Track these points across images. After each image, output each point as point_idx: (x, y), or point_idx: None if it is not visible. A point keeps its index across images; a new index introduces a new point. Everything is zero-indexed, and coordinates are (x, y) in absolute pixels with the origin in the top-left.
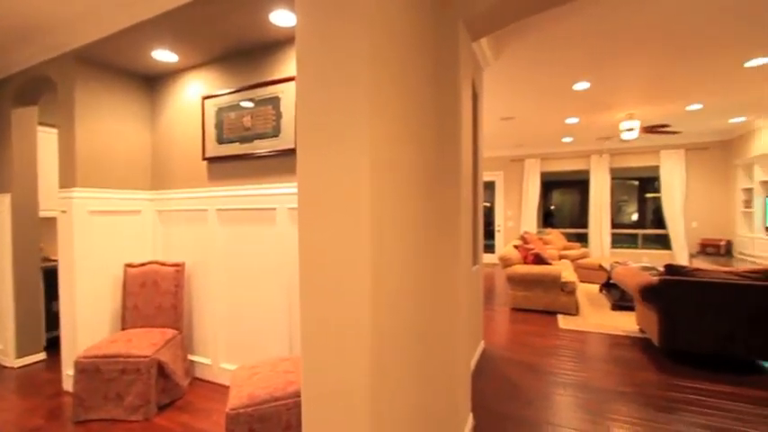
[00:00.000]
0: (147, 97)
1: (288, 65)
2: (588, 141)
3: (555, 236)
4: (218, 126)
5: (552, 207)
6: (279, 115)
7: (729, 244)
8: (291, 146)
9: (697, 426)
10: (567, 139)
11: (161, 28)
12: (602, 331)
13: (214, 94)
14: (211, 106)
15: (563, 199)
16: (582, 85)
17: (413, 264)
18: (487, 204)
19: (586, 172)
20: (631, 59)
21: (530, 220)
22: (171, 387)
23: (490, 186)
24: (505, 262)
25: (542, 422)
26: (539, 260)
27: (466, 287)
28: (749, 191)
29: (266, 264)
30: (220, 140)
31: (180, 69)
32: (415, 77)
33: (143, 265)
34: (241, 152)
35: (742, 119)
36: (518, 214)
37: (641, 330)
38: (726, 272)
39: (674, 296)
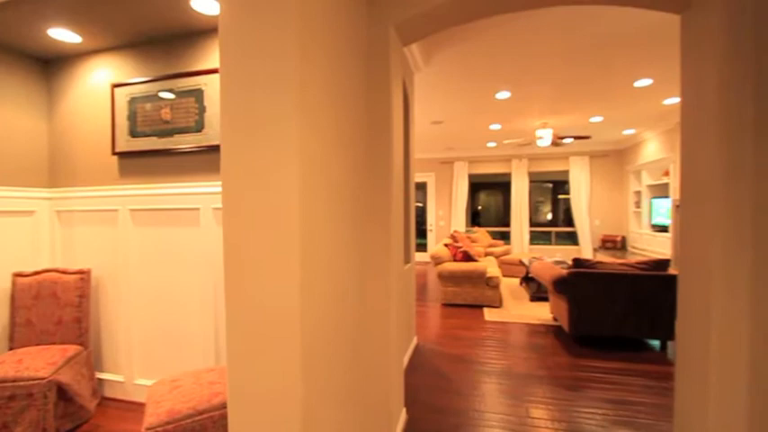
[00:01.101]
0: (43, 82)
1: (213, 55)
2: (509, 147)
3: (482, 234)
4: (132, 118)
5: (479, 207)
6: (202, 109)
7: (624, 239)
8: (217, 142)
9: (598, 399)
10: (492, 144)
11: (55, 2)
12: (522, 321)
13: (126, 82)
14: (123, 95)
15: (489, 200)
16: (503, 95)
17: (343, 264)
18: (420, 204)
19: (508, 175)
20: (545, 74)
21: (459, 219)
22: (74, 410)
23: (422, 187)
24: (437, 260)
25: (470, 410)
26: (467, 257)
27: (398, 285)
28: (638, 193)
29: (189, 268)
30: (134, 134)
31: (85, 52)
32: (345, 76)
33: (37, 273)
34: (159, 147)
35: (633, 131)
36: (448, 214)
37: (554, 318)
38: (620, 264)
39: (580, 287)
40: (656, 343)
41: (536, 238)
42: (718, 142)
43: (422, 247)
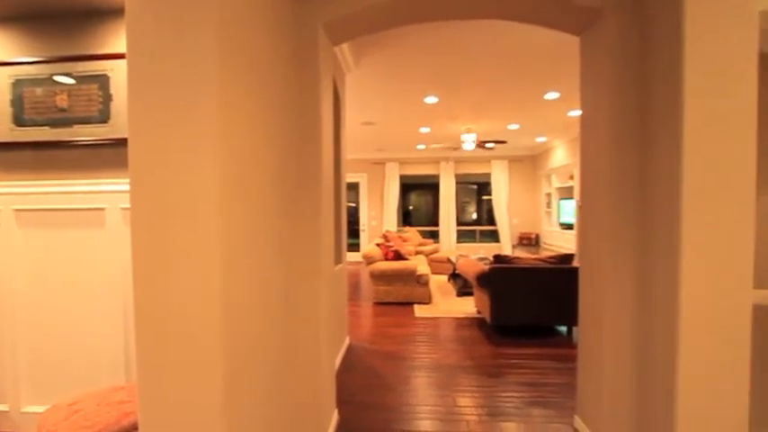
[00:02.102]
0: None
1: (121, 38)
2: (438, 149)
3: (412, 233)
4: (17, 103)
5: (411, 207)
6: (108, 97)
7: (538, 236)
8: (125, 135)
9: (515, 383)
10: (421, 146)
11: None
12: (449, 316)
13: (9, 60)
14: (5, 77)
15: (419, 200)
16: (431, 99)
17: (270, 266)
18: (353, 205)
19: (437, 176)
20: (469, 81)
21: (391, 219)
22: None
23: (355, 187)
24: (368, 259)
25: (402, 405)
26: (398, 256)
27: (328, 287)
28: (549, 195)
29: (93, 275)
30: (20, 122)
31: None
32: (271, 69)
33: None
34: (53, 139)
35: (544, 138)
36: (380, 214)
37: (478, 311)
38: (534, 258)
39: (500, 281)
40: (564, 329)
41: (462, 237)
42: (610, 151)
43: (354, 247)
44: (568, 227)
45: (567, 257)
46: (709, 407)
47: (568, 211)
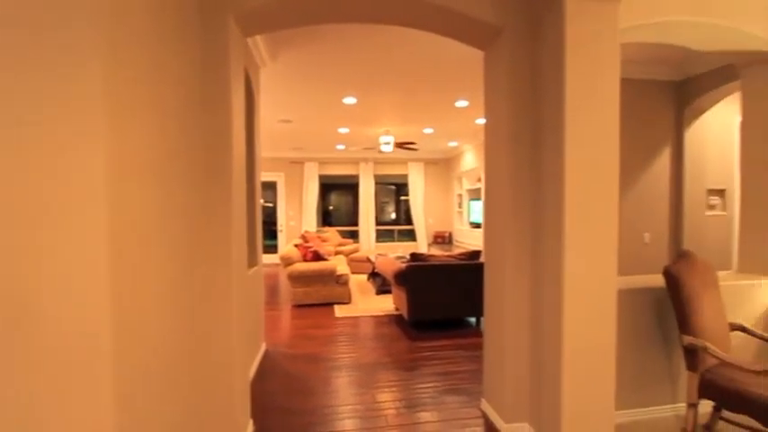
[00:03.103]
0: None
1: None
2: (357, 150)
3: (332, 234)
4: None
5: (330, 207)
6: None
7: (451, 235)
8: None
9: (431, 374)
10: (341, 147)
11: None
12: (369, 314)
13: None
14: None
15: (339, 200)
16: (350, 100)
17: (175, 273)
18: (270, 205)
19: (356, 177)
20: (386, 84)
21: (310, 219)
22: None
23: (272, 187)
24: (286, 261)
25: (323, 407)
26: (317, 257)
27: (241, 292)
28: (461, 196)
29: None
30: None
31: None
32: (174, 59)
33: None
34: None
35: (456, 143)
36: (299, 214)
37: (396, 309)
38: (447, 256)
39: (416, 278)
40: (473, 320)
41: (382, 236)
42: (508, 158)
43: (272, 248)
44: (477, 225)
45: (476, 254)
46: (585, 373)
47: (477, 210)
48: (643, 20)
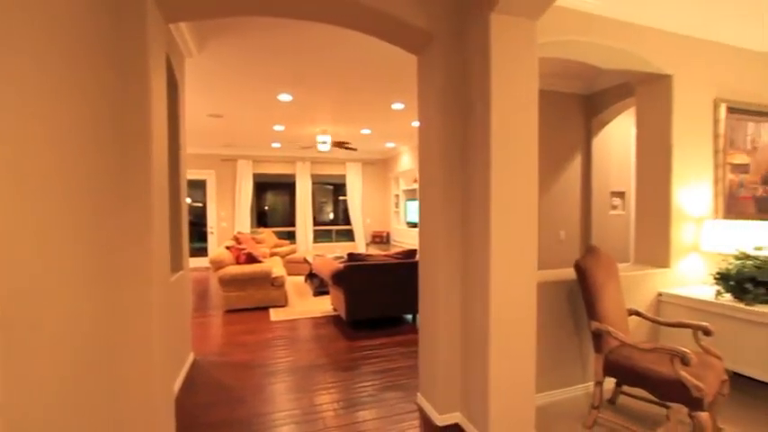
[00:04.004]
0: None
1: None
2: (294, 148)
3: (267, 235)
4: None
5: (266, 207)
6: None
7: (389, 234)
8: None
9: (369, 373)
10: (276, 145)
11: None
12: (306, 316)
13: None
14: None
15: (275, 200)
16: (285, 97)
17: (78, 285)
18: (199, 204)
19: (293, 176)
20: (323, 84)
21: (244, 220)
22: None
23: (201, 185)
24: (217, 264)
25: (256, 415)
26: (251, 259)
27: (163, 300)
28: (398, 196)
29: None
30: None
31: None
32: (81, 47)
33: None
34: None
35: (393, 144)
36: (232, 215)
37: (335, 309)
38: (384, 255)
39: (353, 278)
40: (410, 317)
41: (320, 237)
42: (439, 159)
43: (202, 251)
44: (414, 225)
45: (412, 252)
46: (510, 361)
47: (414, 210)
48: (555, 37)
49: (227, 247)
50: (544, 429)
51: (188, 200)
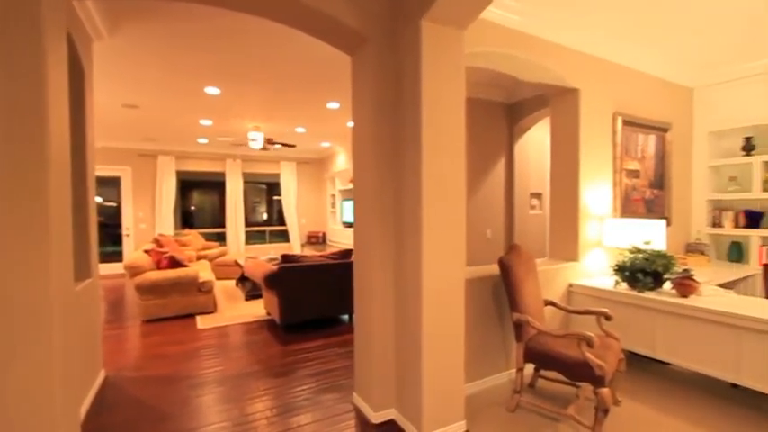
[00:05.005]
0: None
1: None
2: (223, 145)
3: (194, 237)
4: None
5: (193, 207)
6: None
7: (325, 234)
8: None
9: (304, 376)
10: (203, 141)
11: None
12: (237, 322)
13: None
14: None
15: (203, 199)
16: (213, 90)
17: None
18: (112, 204)
19: (223, 174)
20: (255, 79)
21: (166, 221)
22: None
23: (115, 183)
24: (134, 270)
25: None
26: (174, 263)
27: (64, 314)
28: (334, 196)
29: None
30: None
31: None
32: None
33: None
34: None
35: (328, 144)
36: (152, 215)
37: (268, 313)
38: (320, 256)
39: (288, 280)
40: (346, 317)
41: (252, 238)
42: (373, 159)
43: (116, 255)
44: (350, 225)
45: (348, 252)
46: (441, 354)
47: (350, 210)
48: (480, 48)
49: (146, 251)
50: (472, 416)
51: (98, 199)
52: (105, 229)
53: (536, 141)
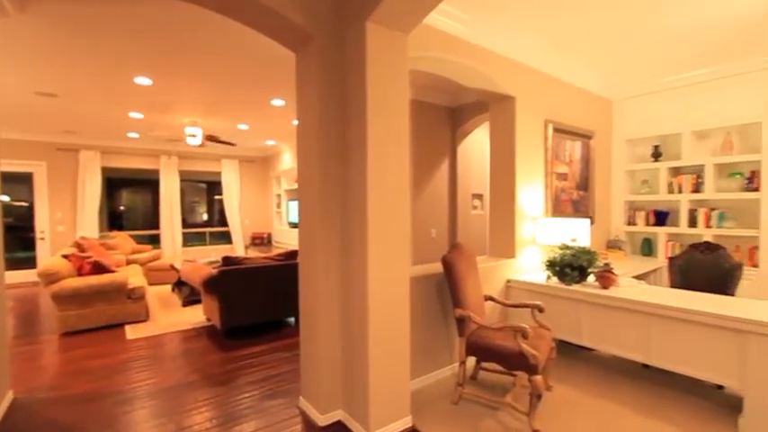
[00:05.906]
0: None
1: None
2: (157, 141)
3: (122, 239)
4: None
5: (122, 208)
6: None
7: (270, 235)
8: None
9: (247, 383)
10: (134, 135)
11: None
12: (173, 330)
13: None
14: None
15: (134, 199)
16: (144, 80)
17: None
18: (24, 204)
19: (157, 172)
20: (192, 71)
21: (90, 223)
22: None
23: (26, 180)
24: (50, 277)
25: None
26: (99, 269)
27: None
28: (279, 196)
29: None
30: None
31: None
32: None
33: None
34: None
35: (273, 142)
36: (72, 216)
37: (208, 319)
38: (264, 257)
39: (230, 283)
40: (292, 320)
41: (191, 240)
42: (318, 159)
43: (29, 261)
44: (296, 225)
45: (294, 253)
46: (387, 352)
47: (296, 210)
48: (424, 53)
49: (65, 256)
50: (418, 411)
51: (4, 198)
52: (14, 232)
53: (478, 144)
